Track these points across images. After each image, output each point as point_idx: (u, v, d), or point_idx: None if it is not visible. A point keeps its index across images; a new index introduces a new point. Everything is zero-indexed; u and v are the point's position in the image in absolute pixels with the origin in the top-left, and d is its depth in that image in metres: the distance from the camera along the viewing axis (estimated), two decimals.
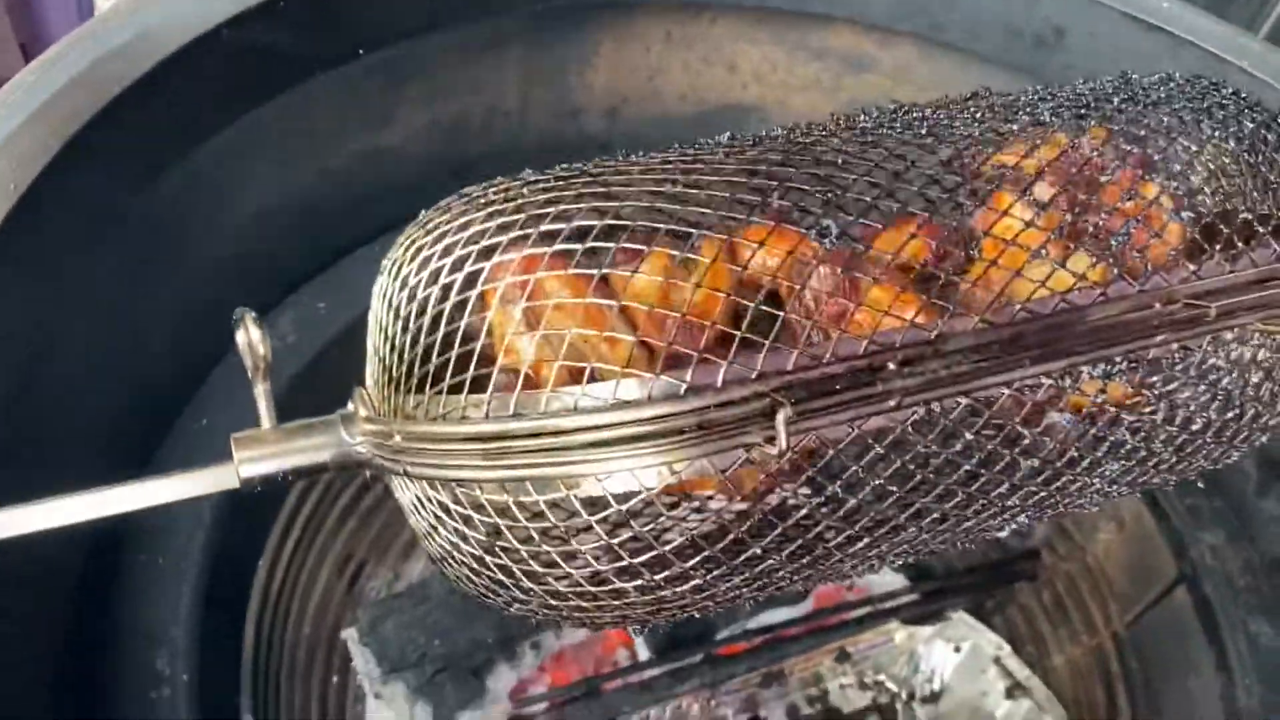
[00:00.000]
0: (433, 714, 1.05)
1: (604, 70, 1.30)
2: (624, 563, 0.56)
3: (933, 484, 0.58)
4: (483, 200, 0.61)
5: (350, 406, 0.64)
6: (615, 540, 0.55)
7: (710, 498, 0.57)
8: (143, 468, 1.04)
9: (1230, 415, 0.66)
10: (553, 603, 0.61)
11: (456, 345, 0.56)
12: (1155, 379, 0.62)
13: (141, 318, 1.03)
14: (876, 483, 0.56)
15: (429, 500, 0.60)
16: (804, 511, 0.56)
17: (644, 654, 1.23)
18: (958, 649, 1.35)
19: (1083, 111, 0.64)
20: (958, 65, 1.23)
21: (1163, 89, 0.71)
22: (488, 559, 0.60)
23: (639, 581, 0.57)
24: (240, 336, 0.61)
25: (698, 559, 0.57)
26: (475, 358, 0.56)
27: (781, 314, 0.55)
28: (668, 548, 0.56)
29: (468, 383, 0.56)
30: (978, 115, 0.65)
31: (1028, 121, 0.64)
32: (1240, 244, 0.61)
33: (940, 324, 0.54)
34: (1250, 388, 0.66)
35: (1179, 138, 0.65)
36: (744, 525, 0.56)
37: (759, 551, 0.57)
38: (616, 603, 0.61)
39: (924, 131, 0.63)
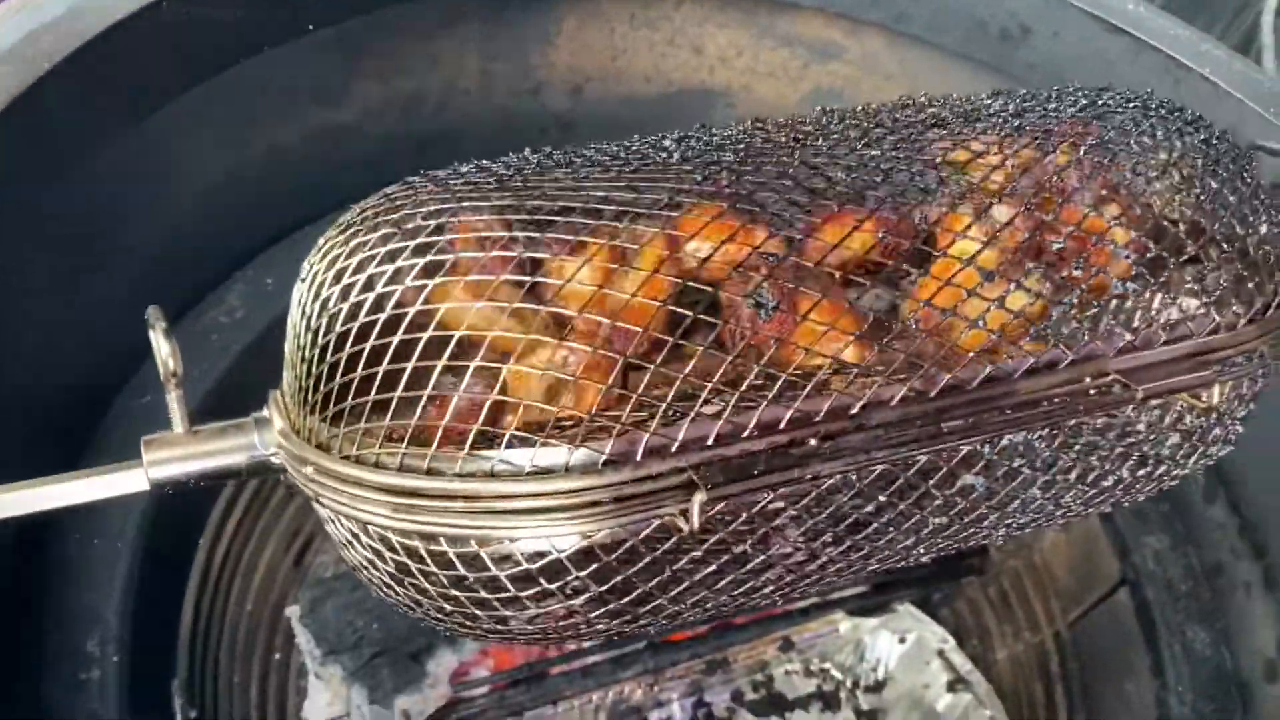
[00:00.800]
0: (368, 697, 1.05)
1: (566, 49, 1.28)
2: (531, 612, 0.56)
3: (838, 537, 0.58)
4: (408, 217, 0.59)
5: (266, 412, 0.63)
6: (524, 593, 0.55)
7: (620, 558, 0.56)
8: (84, 449, 1.03)
9: (1142, 472, 0.67)
10: (467, 624, 0.61)
11: (373, 390, 0.54)
12: (1073, 444, 0.62)
13: (84, 293, 1.02)
14: (780, 541, 0.56)
15: (341, 522, 0.59)
16: (710, 569, 0.56)
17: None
18: (903, 640, 1.36)
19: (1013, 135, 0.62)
20: (924, 57, 1.22)
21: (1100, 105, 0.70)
22: (401, 583, 0.60)
23: (547, 623, 0.58)
24: (154, 342, 0.60)
25: (602, 610, 0.57)
26: (393, 405, 0.54)
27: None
28: (576, 600, 0.56)
29: (383, 431, 0.54)
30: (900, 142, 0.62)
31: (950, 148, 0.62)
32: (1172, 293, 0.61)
33: (868, 394, 0.54)
34: (1167, 448, 0.66)
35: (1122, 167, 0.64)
36: (651, 582, 0.56)
37: (664, 602, 0.57)
38: (530, 629, 0.61)
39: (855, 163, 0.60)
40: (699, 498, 0.50)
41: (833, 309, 0.55)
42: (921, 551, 0.64)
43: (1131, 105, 0.65)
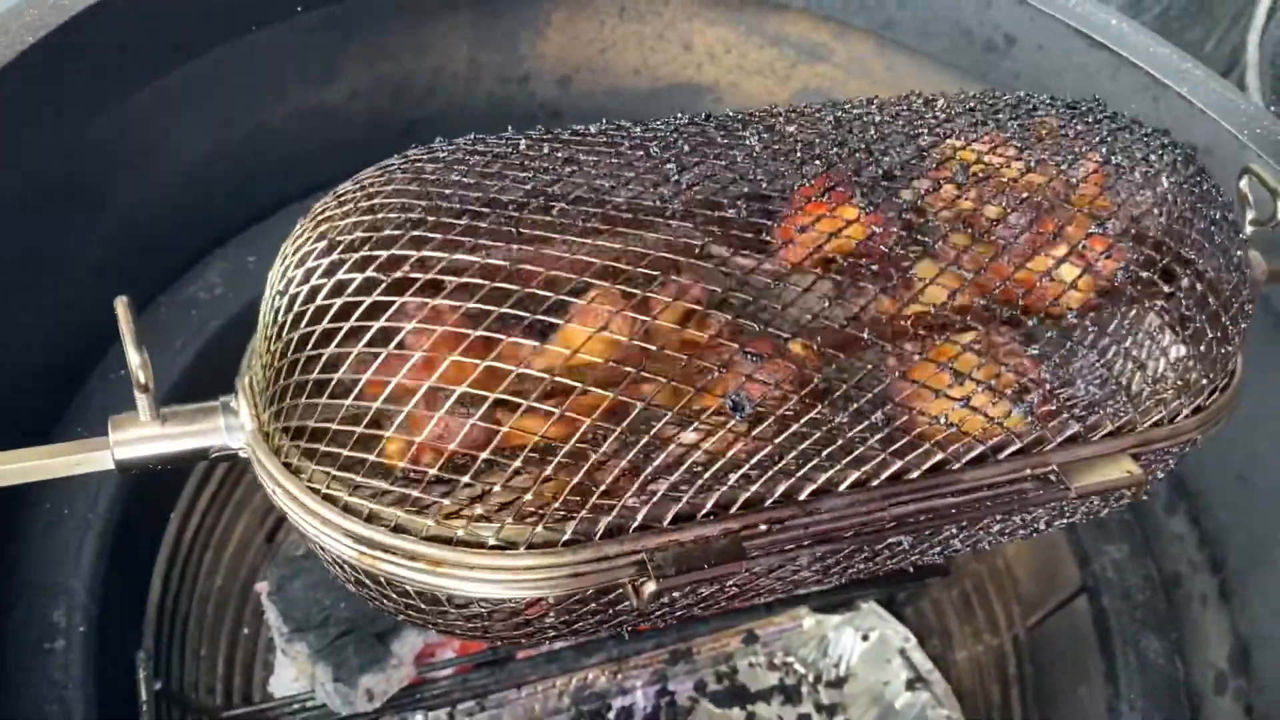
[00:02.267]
0: (333, 675, 1.06)
1: (555, 40, 1.28)
2: (486, 625, 0.58)
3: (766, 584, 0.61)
4: (383, 221, 0.59)
5: (233, 402, 0.64)
6: (479, 620, 0.60)
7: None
8: (56, 422, 1.04)
9: (1060, 521, 0.70)
10: (425, 624, 0.64)
11: (357, 424, 0.56)
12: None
13: (65, 267, 1.02)
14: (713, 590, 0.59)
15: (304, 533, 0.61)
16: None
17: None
18: (866, 637, 1.38)
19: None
20: (910, 63, 1.23)
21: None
22: (362, 588, 0.62)
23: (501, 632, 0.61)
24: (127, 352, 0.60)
25: (552, 626, 0.62)
26: (375, 453, 0.56)
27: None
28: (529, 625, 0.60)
29: (362, 466, 0.56)
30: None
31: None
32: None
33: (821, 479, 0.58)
34: (1086, 505, 0.69)
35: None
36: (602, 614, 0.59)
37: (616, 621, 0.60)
38: (478, 632, 0.63)
39: None
40: (649, 588, 0.54)
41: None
42: (838, 579, 0.68)
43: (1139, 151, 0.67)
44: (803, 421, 0.56)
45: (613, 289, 0.55)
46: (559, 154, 0.61)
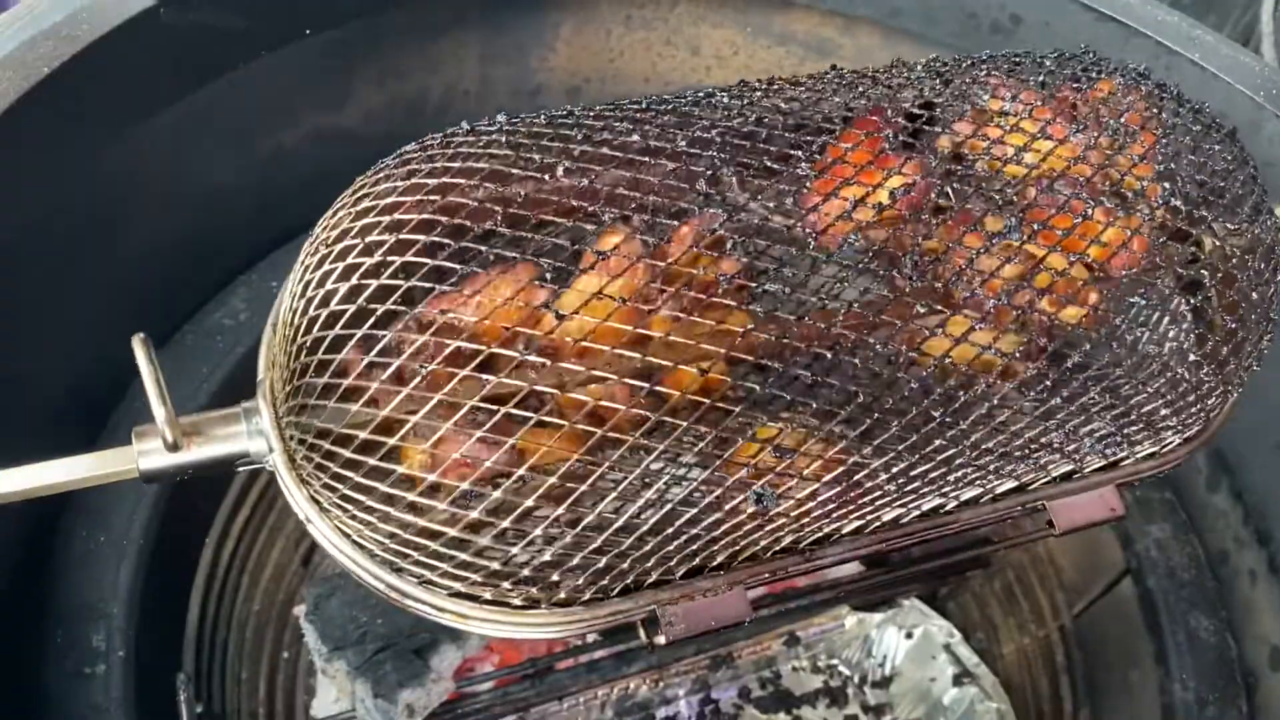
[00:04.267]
0: (372, 691, 1.06)
1: (564, 52, 1.30)
2: None
3: None
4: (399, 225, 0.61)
5: (257, 405, 0.64)
6: None
7: None
8: (90, 444, 1.05)
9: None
10: None
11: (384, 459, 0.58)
12: None
13: (87, 298, 1.04)
14: None
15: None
16: None
17: (591, 636, 1.23)
18: (909, 635, 1.36)
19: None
20: (918, 51, 1.22)
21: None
22: None
23: None
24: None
25: None
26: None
27: None
28: None
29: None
30: None
31: None
32: None
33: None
34: None
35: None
36: None
37: None
38: None
39: None
40: (660, 640, 0.61)
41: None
42: None
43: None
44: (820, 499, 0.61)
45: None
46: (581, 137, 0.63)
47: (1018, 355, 0.62)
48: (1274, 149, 0.94)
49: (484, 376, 0.57)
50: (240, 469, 0.65)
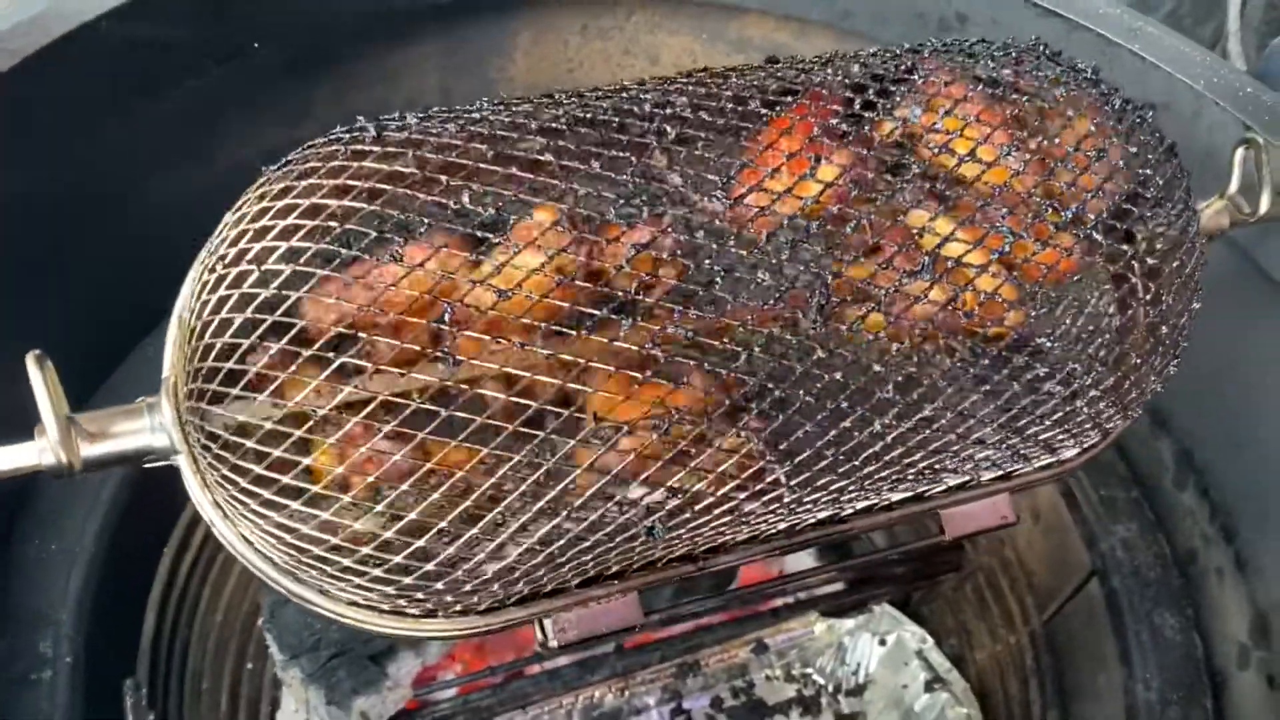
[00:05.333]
0: (325, 698, 1.06)
1: (523, 63, 1.31)
2: None
3: None
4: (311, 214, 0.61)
5: (160, 403, 0.65)
6: None
7: None
8: None
9: None
10: None
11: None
12: None
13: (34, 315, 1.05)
14: None
15: None
16: None
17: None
18: (883, 642, 1.34)
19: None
20: None
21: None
22: None
23: None
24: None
25: None
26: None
27: None
28: None
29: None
30: None
31: None
32: None
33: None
34: None
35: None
36: None
37: None
38: None
39: None
40: (552, 644, 0.66)
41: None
42: None
43: None
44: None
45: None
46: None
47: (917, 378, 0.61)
48: (1213, 137, 0.93)
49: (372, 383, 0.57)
50: (149, 465, 0.66)
